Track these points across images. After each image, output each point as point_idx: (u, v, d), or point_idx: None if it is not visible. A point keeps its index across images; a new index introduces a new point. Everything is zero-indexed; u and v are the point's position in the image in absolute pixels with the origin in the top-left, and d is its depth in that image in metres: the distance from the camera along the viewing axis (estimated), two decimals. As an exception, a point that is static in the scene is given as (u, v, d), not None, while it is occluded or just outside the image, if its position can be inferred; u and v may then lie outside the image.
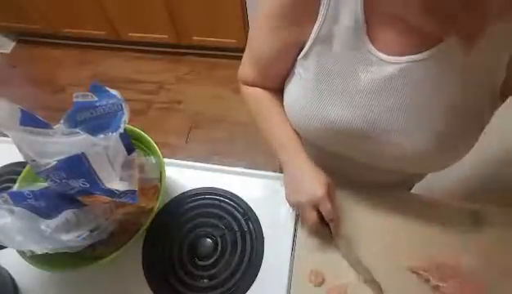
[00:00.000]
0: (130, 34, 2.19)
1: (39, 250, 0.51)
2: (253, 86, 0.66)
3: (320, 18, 0.49)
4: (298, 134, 0.63)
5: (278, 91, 0.64)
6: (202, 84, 2.20)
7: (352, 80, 0.51)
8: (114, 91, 0.61)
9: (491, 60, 0.47)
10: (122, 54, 2.36)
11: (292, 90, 0.59)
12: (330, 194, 0.59)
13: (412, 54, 0.47)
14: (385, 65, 0.49)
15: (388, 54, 0.48)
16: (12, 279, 0.66)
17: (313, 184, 0.59)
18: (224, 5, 1.87)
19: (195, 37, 2.12)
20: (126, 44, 2.32)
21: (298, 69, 0.56)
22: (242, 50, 0.64)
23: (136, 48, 2.33)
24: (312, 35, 0.51)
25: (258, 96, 0.66)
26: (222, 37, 2.07)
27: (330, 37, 0.50)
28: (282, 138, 0.64)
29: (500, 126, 0.65)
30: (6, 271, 0.65)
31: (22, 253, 0.58)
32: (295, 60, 0.57)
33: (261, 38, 0.58)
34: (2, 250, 0.66)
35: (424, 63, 0.47)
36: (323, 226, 0.62)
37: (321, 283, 0.62)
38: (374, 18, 0.47)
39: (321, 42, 0.51)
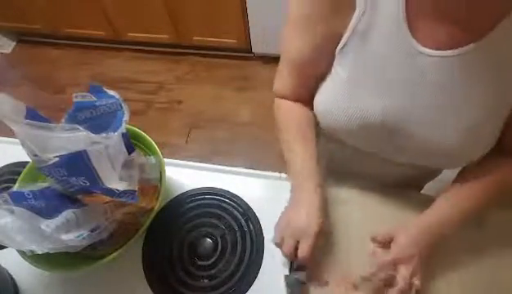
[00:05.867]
0: (130, 34, 2.19)
1: (39, 250, 0.50)
2: (292, 98, 0.65)
3: (359, 8, 0.48)
4: (316, 163, 0.61)
5: (310, 103, 0.64)
6: (202, 84, 2.20)
7: (389, 72, 0.51)
8: (112, 92, 0.61)
9: None
10: (122, 54, 2.36)
11: (327, 86, 0.58)
12: (319, 235, 0.56)
13: (451, 48, 0.47)
14: (423, 58, 0.48)
15: (427, 47, 0.48)
16: (12, 279, 0.66)
17: (312, 215, 0.57)
18: (224, 5, 1.87)
19: (195, 37, 2.11)
20: (126, 44, 2.31)
21: (336, 65, 0.55)
22: (242, 50, 0.64)
23: (136, 48, 2.33)
24: (351, 26, 0.50)
25: (293, 112, 0.65)
26: (222, 38, 2.06)
27: (369, 28, 0.49)
28: (298, 164, 0.61)
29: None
30: (6, 271, 0.65)
31: (22, 253, 0.58)
32: (333, 55, 0.55)
33: (296, 37, 0.57)
34: (2, 250, 0.66)
35: (461, 58, 0.47)
36: (293, 259, 0.58)
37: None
38: (414, 9, 0.47)
39: (359, 33, 0.50)
